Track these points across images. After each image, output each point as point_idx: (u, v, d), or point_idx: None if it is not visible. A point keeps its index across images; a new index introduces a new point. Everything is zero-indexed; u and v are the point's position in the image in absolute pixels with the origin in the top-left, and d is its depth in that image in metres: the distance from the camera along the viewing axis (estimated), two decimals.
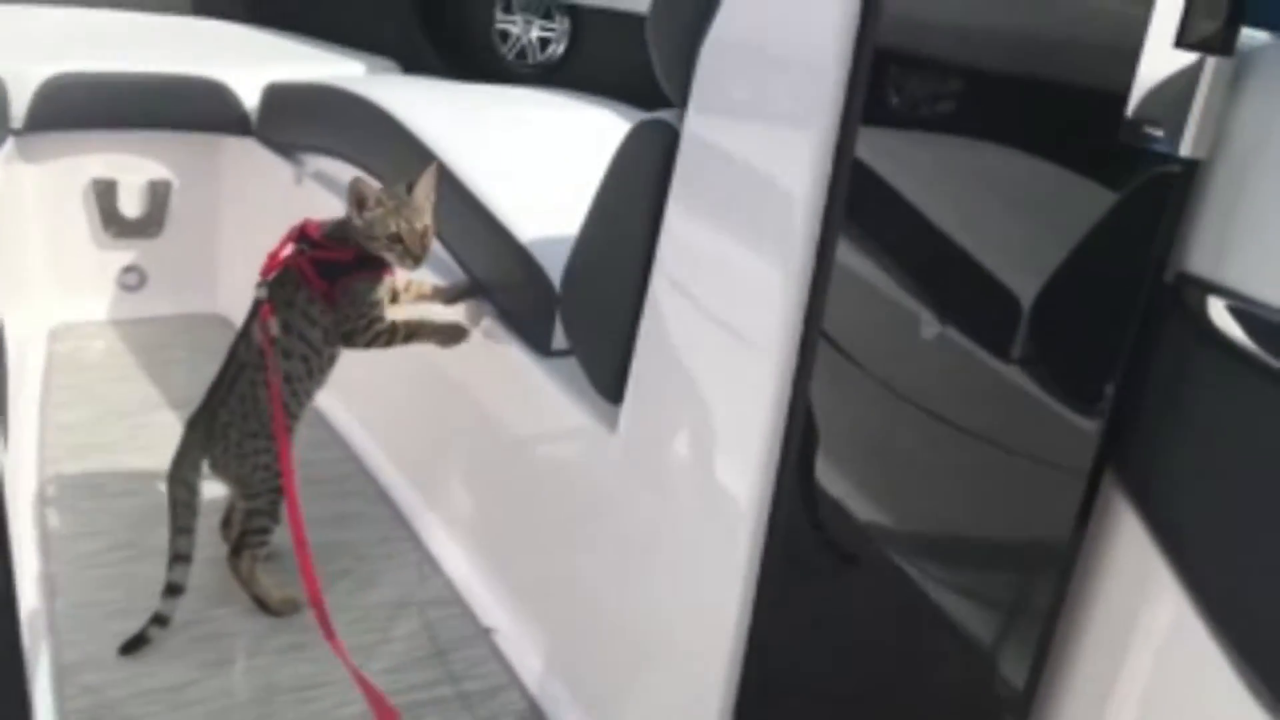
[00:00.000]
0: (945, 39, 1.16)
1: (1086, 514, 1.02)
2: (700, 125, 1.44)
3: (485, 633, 1.95)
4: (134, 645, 1.82)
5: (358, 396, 2.47)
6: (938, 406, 1.18)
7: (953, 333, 1.15)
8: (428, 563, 2.10)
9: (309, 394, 1.95)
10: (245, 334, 1.94)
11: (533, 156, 2.25)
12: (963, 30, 1.16)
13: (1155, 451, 0.96)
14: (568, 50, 3.07)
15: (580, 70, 3.03)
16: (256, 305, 1.91)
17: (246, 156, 2.79)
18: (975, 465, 1.15)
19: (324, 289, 1.88)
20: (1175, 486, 0.95)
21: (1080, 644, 1.06)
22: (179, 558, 1.87)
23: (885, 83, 1.18)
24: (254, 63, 2.89)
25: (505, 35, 3.15)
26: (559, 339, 1.82)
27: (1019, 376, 1.07)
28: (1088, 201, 0.99)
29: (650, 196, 1.52)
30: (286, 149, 2.68)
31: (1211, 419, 0.91)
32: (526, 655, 1.88)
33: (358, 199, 1.84)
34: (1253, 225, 0.87)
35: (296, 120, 2.65)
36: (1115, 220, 0.97)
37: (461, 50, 3.18)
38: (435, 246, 2.14)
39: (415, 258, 1.85)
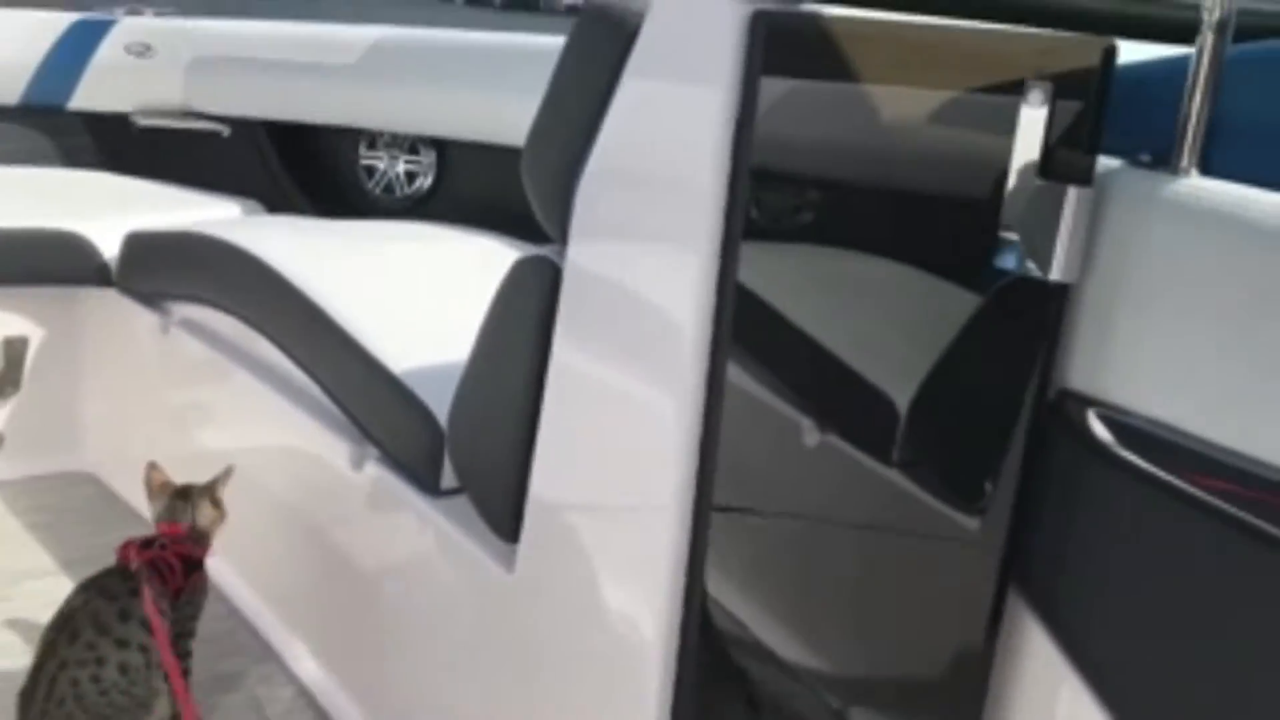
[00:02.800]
0: (817, 157, 1.19)
1: (995, 629, 1.03)
2: (582, 259, 1.44)
3: None
4: None
5: (238, 548, 2.37)
6: (839, 526, 1.19)
7: (839, 441, 1.16)
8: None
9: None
10: (70, 631, 1.82)
11: (404, 291, 2.23)
12: (834, 149, 1.19)
13: (1055, 564, 0.98)
14: (434, 183, 3.08)
15: (448, 202, 3.04)
16: (81, 605, 1.83)
17: (108, 308, 2.71)
18: (884, 589, 1.16)
19: (179, 586, 1.89)
20: (1077, 597, 0.97)
21: None
22: None
23: (761, 201, 1.21)
24: (112, 212, 2.83)
25: (370, 170, 3.15)
26: (448, 478, 1.79)
27: (916, 496, 1.09)
28: (970, 321, 1.02)
29: (535, 334, 1.51)
30: (150, 298, 2.61)
31: (1104, 529, 0.93)
32: None
33: (145, 485, 1.99)
34: (1124, 343, 0.90)
35: (159, 268, 2.59)
36: (995, 338, 1.00)
37: (327, 188, 3.17)
38: (314, 389, 2.10)
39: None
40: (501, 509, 1.60)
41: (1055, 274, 0.90)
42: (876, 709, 1.19)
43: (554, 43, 1.55)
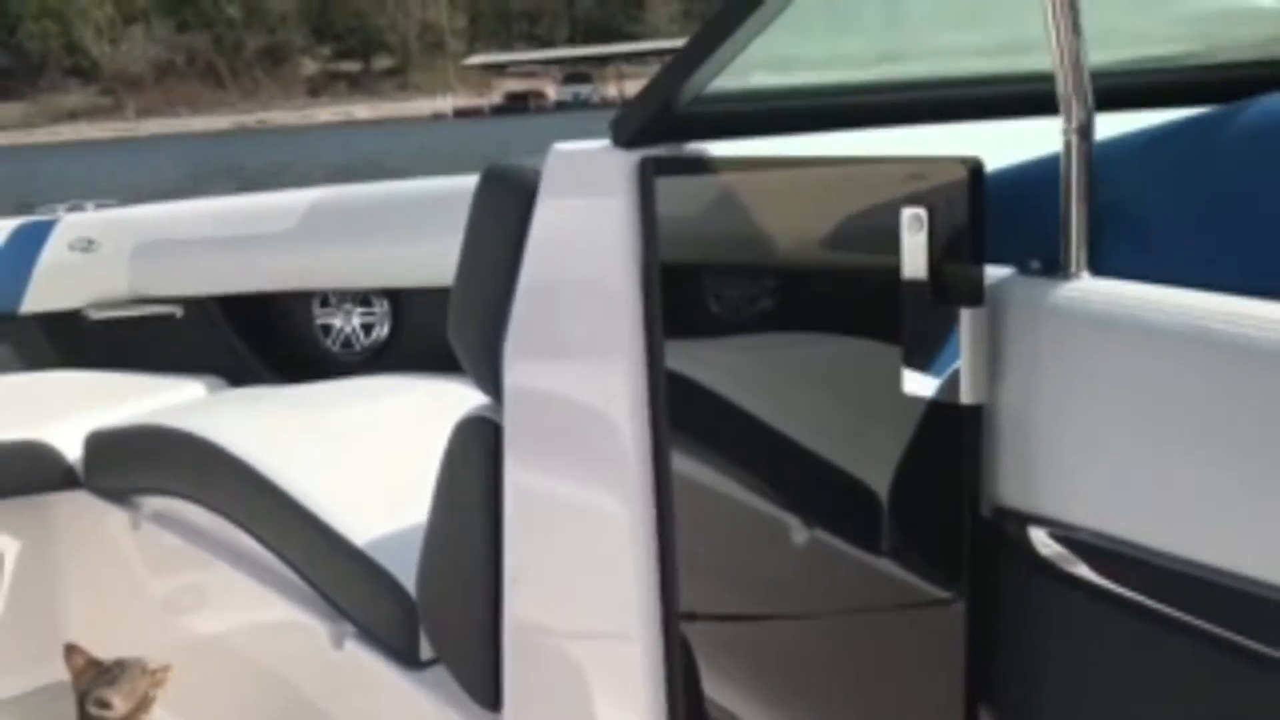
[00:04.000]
0: (718, 287, 1.18)
1: None
2: (519, 414, 1.43)
3: None
4: None
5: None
6: (804, 611, 1.16)
7: (828, 535, 1.14)
8: None
9: None
10: None
11: (365, 457, 2.21)
12: (733, 279, 1.19)
13: (1017, 680, 0.94)
14: (391, 331, 3.08)
15: (408, 347, 3.03)
16: None
17: (79, 510, 2.68)
18: (862, 684, 1.12)
19: None
20: (1046, 715, 0.93)
21: None
22: None
23: (675, 297, 1.19)
24: (75, 412, 2.81)
25: (327, 329, 3.15)
26: (428, 648, 1.75)
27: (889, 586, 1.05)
28: (891, 445, 1.00)
29: (484, 493, 1.49)
30: (120, 495, 2.59)
31: (1058, 643, 0.90)
32: None
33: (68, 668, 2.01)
34: (1045, 456, 0.88)
35: (124, 465, 2.56)
36: (919, 459, 0.98)
37: (285, 353, 3.16)
38: (287, 571, 2.06)
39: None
40: (480, 679, 1.56)
41: (964, 397, 0.88)
42: None
43: None
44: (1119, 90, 1.16)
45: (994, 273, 0.90)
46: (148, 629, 2.58)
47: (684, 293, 1.20)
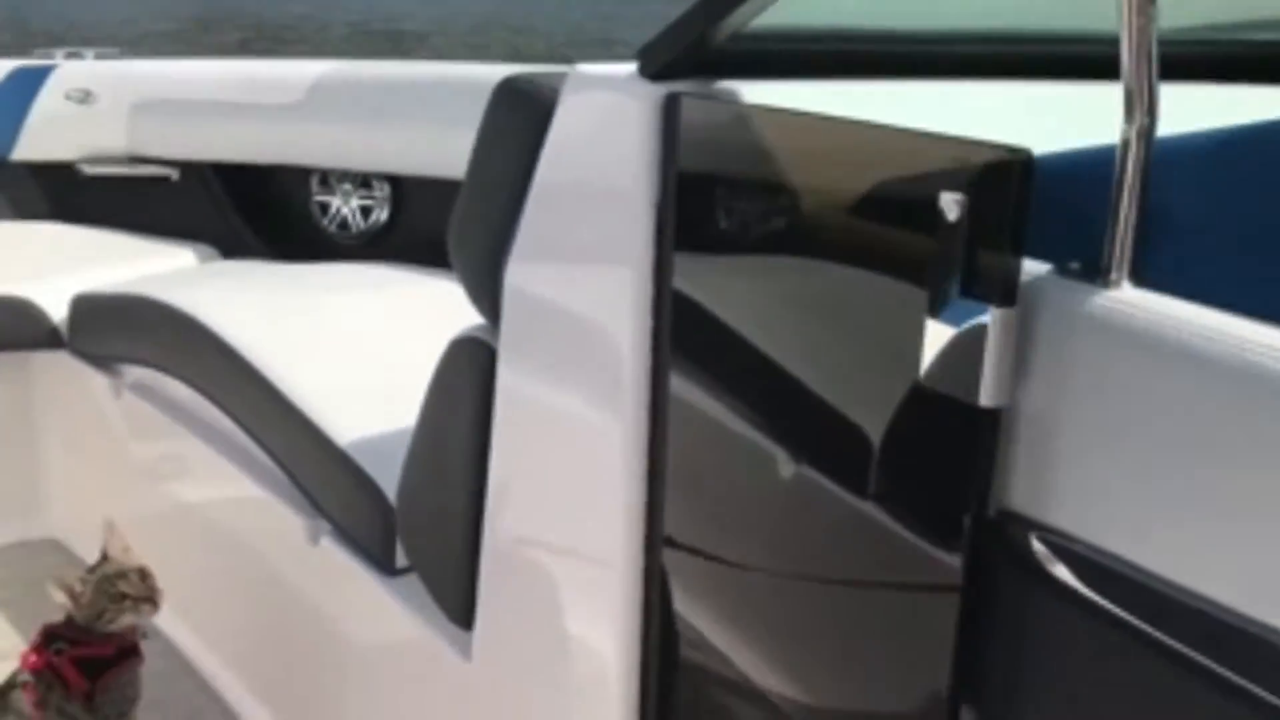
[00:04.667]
0: (743, 193, 1.14)
1: None
2: (515, 340, 1.39)
3: None
4: None
5: (199, 611, 2.33)
6: (789, 558, 1.14)
7: (811, 472, 1.12)
8: None
9: None
10: None
11: (354, 353, 2.17)
12: (749, 237, 1.14)
13: (1003, 687, 0.93)
14: (391, 216, 3.01)
15: (406, 236, 2.97)
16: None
17: (61, 372, 2.64)
18: (849, 631, 1.11)
19: (85, 690, 1.81)
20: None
21: None
22: None
23: (693, 209, 1.15)
24: (62, 270, 2.76)
25: (325, 208, 3.08)
26: (403, 556, 1.74)
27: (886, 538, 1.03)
28: (902, 436, 0.96)
29: (474, 417, 1.46)
30: (103, 361, 2.55)
31: (1049, 656, 0.88)
32: None
33: (67, 596, 1.85)
34: (1060, 466, 0.85)
35: (108, 332, 2.52)
36: (928, 454, 0.95)
37: (280, 227, 3.10)
38: (267, 462, 2.04)
39: (152, 601, 1.86)
40: (454, 595, 1.55)
41: (984, 399, 0.84)
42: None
43: (507, 72, 1.49)
44: (1187, 60, 1.10)
45: (1028, 268, 0.85)
46: (123, 495, 2.57)
47: (698, 237, 1.16)
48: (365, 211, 3.05)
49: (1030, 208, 0.82)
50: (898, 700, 1.02)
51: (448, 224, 1.55)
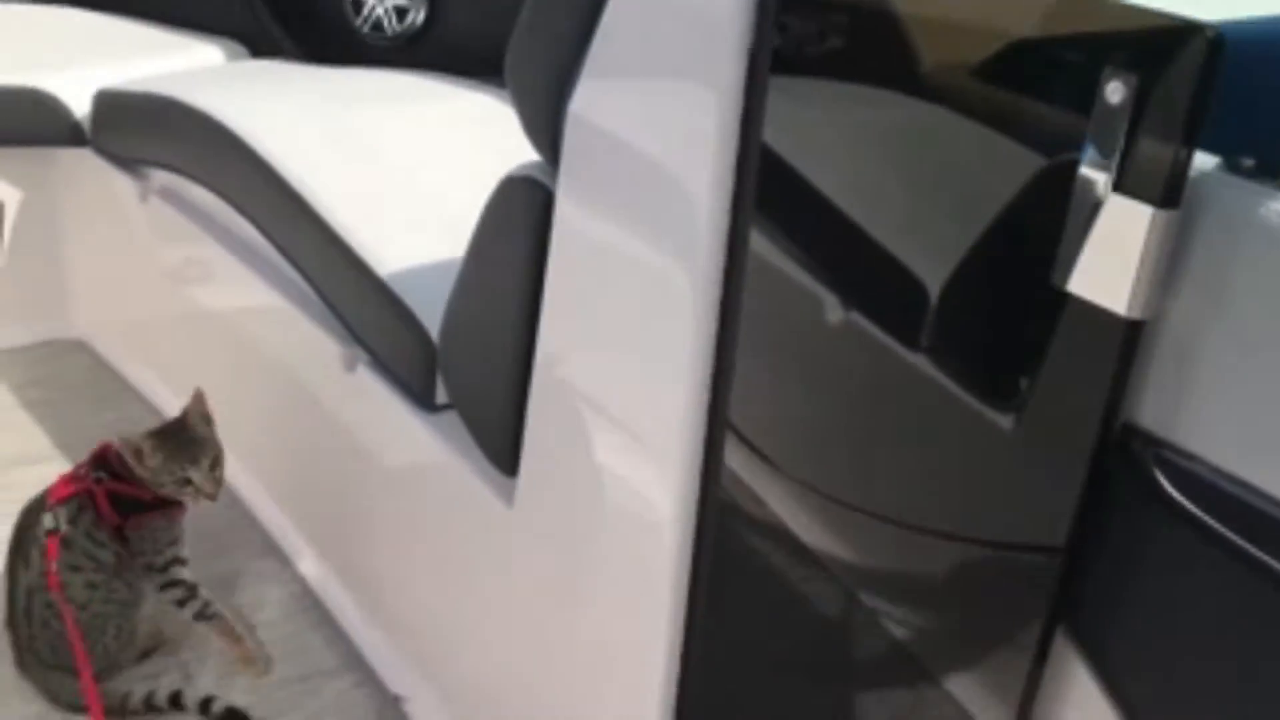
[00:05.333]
0: (863, 38, 1.02)
1: (1040, 668, 0.92)
2: (578, 186, 1.28)
3: (395, 701, 1.83)
4: None
5: (237, 435, 2.29)
6: (873, 445, 1.08)
7: (901, 352, 1.05)
8: (326, 625, 1.96)
9: (114, 619, 1.79)
10: (23, 555, 1.79)
11: (393, 171, 2.06)
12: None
13: (1107, 610, 0.86)
14: (428, 19, 2.84)
15: (443, 40, 2.81)
16: (28, 528, 1.80)
17: (84, 169, 2.54)
18: (918, 488, 1.06)
19: (117, 523, 1.76)
20: (1130, 652, 0.86)
21: None
22: None
23: (794, 38, 1.04)
24: (83, 63, 2.62)
25: (358, 6, 2.91)
26: (444, 393, 1.67)
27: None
28: (1028, 334, 0.87)
29: (526, 260, 1.37)
30: (127, 163, 2.45)
31: (1159, 581, 0.82)
32: None
33: (133, 453, 1.75)
34: (1206, 385, 0.76)
35: (131, 132, 2.41)
36: (1056, 356, 0.86)
37: (311, 26, 2.93)
38: (300, 282, 1.96)
39: (209, 495, 1.78)
40: (498, 441, 1.49)
41: (1128, 309, 0.75)
42: (909, 615, 1.10)
43: None
44: None
45: (1196, 169, 0.74)
46: (151, 304, 2.51)
47: (796, 74, 1.04)
48: (400, 13, 2.87)
49: (1213, 100, 0.70)
50: (983, 610, 0.97)
51: (487, 31, 1.41)
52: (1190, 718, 0.82)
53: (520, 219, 1.36)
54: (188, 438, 1.78)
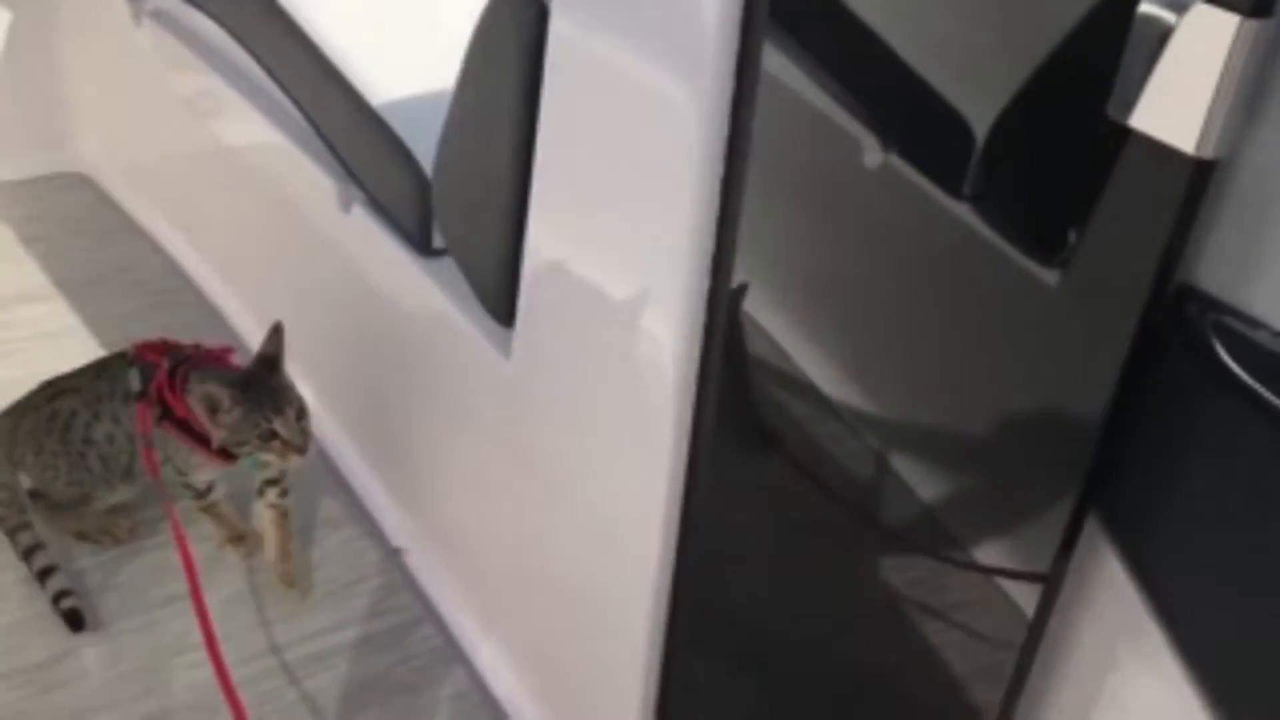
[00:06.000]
0: None
1: (1071, 541, 0.83)
2: None
3: (394, 554, 1.77)
4: (76, 622, 1.61)
5: (241, 273, 2.20)
6: (898, 275, 0.98)
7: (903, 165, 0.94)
8: (329, 474, 1.89)
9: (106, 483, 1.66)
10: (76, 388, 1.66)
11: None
12: None
13: (1145, 493, 0.76)
14: None
15: None
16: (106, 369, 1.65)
17: None
18: (949, 343, 0.96)
19: (145, 427, 1.57)
20: (1167, 540, 0.75)
21: (1057, 676, 0.89)
22: (34, 549, 1.66)
23: None
24: None
25: None
26: (440, 237, 1.56)
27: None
28: (1079, 172, 0.74)
29: (518, 87, 1.23)
30: None
31: (1207, 464, 0.70)
32: (440, 583, 1.70)
33: (209, 407, 1.50)
34: (1278, 240, 0.63)
35: None
36: (1109, 203, 0.73)
37: None
38: (295, 114, 1.83)
39: (298, 448, 1.52)
40: (494, 288, 1.38)
41: (1197, 147, 0.61)
42: (938, 480, 1.02)
43: None
44: None
45: None
46: (150, 134, 2.40)
47: None
48: None
49: None
50: (1013, 482, 0.87)
51: None
52: (1233, 615, 0.72)
53: (512, 38, 1.22)
54: (269, 385, 1.52)
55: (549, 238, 1.26)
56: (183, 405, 1.54)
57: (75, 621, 1.60)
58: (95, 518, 1.71)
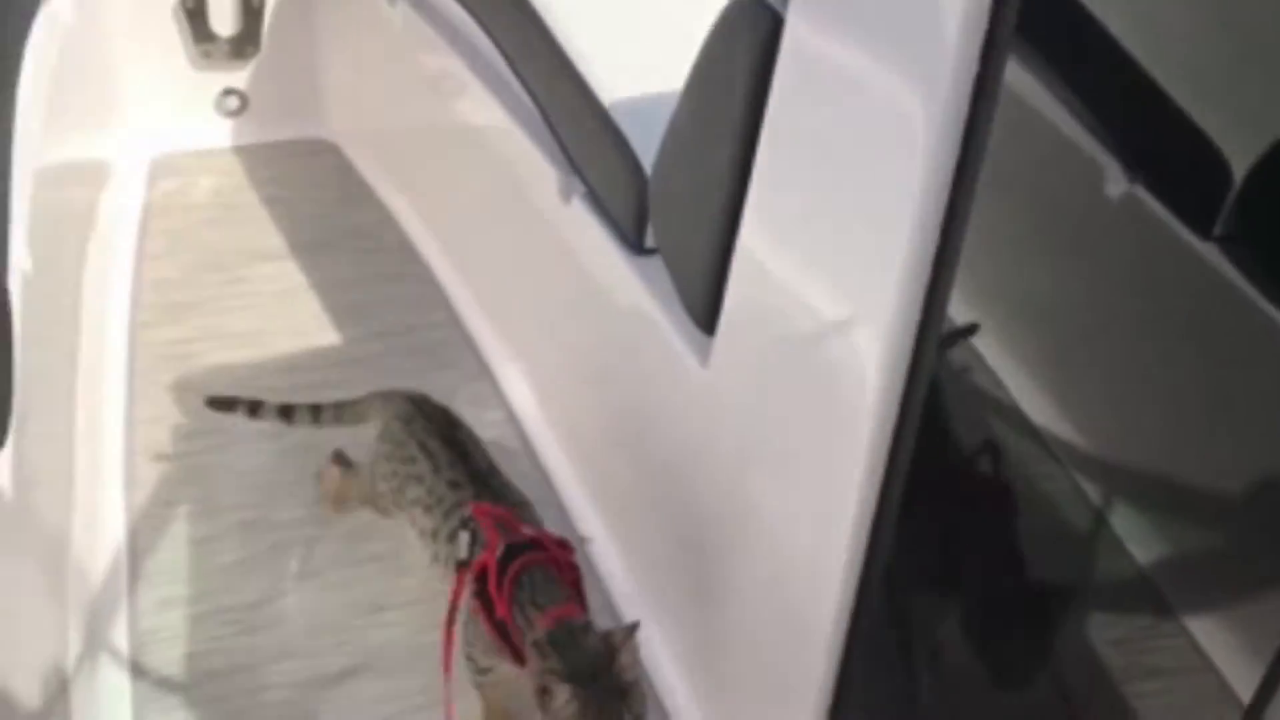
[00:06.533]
0: None
1: None
2: (808, 6, 1.12)
3: (581, 542, 1.80)
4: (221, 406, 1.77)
5: (462, 251, 2.28)
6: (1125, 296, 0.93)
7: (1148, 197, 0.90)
8: (524, 455, 1.94)
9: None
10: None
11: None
12: None
13: None
14: None
15: None
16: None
17: None
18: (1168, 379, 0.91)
19: (458, 597, 1.42)
20: None
21: None
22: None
23: None
24: None
25: None
26: (654, 236, 1.57)
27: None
28: None
29: (747, 94, 1.23)
30: None
31: None
32: (619, 573, 1.73)
33: (540, 688, 1.30)
34: None
35: None
36: None
37: None
38: (530, 105, 1.86)
39: None
40: (700, 295, 1.39)
41: None
42: (1152, 536, 0.97)
43: None
44: None
45: None
46: (395, 110, 2.50)
47: None
48: None
49: None
50: (1240, 556, 0.82)
51: None
52: None
53: (744, 44, 1.21)
54: (615, 685, 1.30)
55: (761, 247, 1.25)
56: (504, 605, 1.38)
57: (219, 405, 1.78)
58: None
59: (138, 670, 1.58)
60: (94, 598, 1.64)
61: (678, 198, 1.43)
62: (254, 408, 1.78)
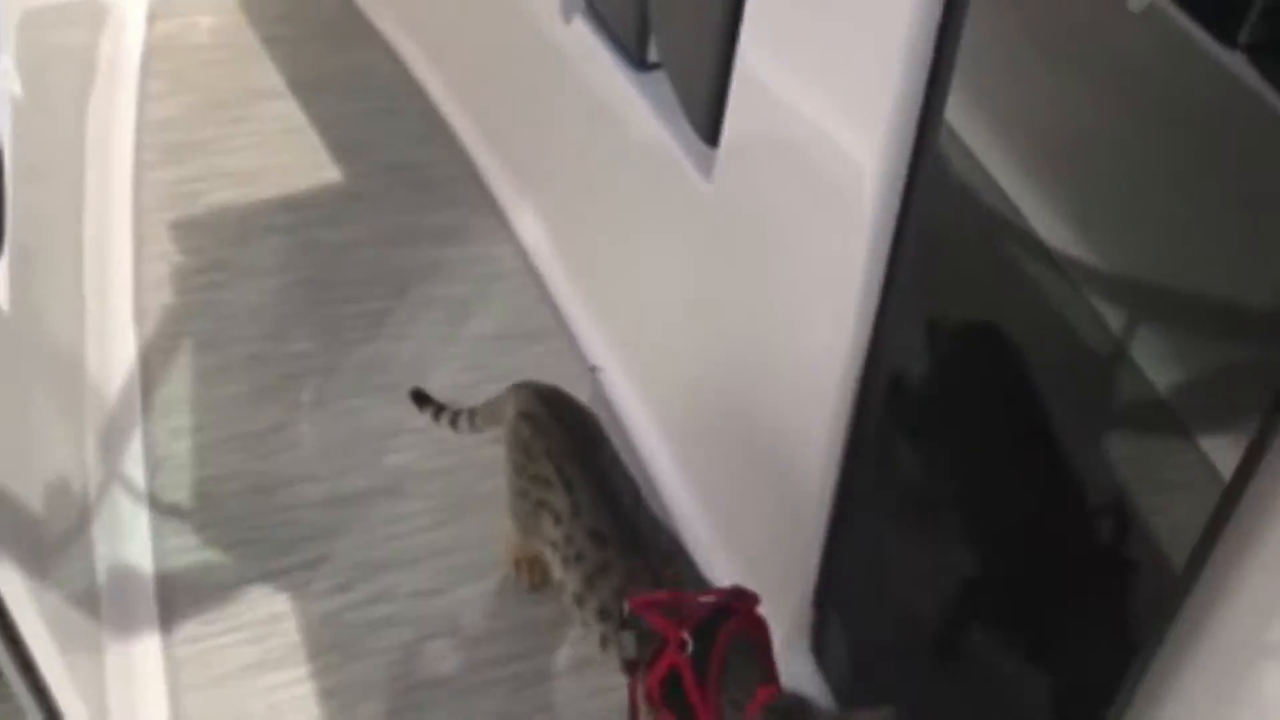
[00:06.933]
0: None
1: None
2: None
3: (591, 371, 1.80)
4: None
5: (464, 79, 2.23)
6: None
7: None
8: (532, 286, 1.93)
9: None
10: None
11: None
12: None
13: None
14: None
15: None
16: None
17: None
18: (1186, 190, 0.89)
19: (635, 698, 1.23)
20: None
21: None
22: None
23: None
24: None
25: None
26: (655, 50, 1.53)
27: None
28: None
29: None
30: None
31: None
32: (630, 401, 1.73)
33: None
34: None
35: None
36: None
37: None
38: None
39: None
40: (702, 105, 1.36)
41: None
42: (1156, 345, 0.96)
43: None
44: None
45: None
46: None
47: None
48: None
49: None
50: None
51: None
52: None
53: None
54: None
55: (759, 52, 1.22)
56: (710, 711, 1.16)
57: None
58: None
59: (154, 495, 1.61)
60: (109, 422, 1.66)
61: (678, 9, 1.39)
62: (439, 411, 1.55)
